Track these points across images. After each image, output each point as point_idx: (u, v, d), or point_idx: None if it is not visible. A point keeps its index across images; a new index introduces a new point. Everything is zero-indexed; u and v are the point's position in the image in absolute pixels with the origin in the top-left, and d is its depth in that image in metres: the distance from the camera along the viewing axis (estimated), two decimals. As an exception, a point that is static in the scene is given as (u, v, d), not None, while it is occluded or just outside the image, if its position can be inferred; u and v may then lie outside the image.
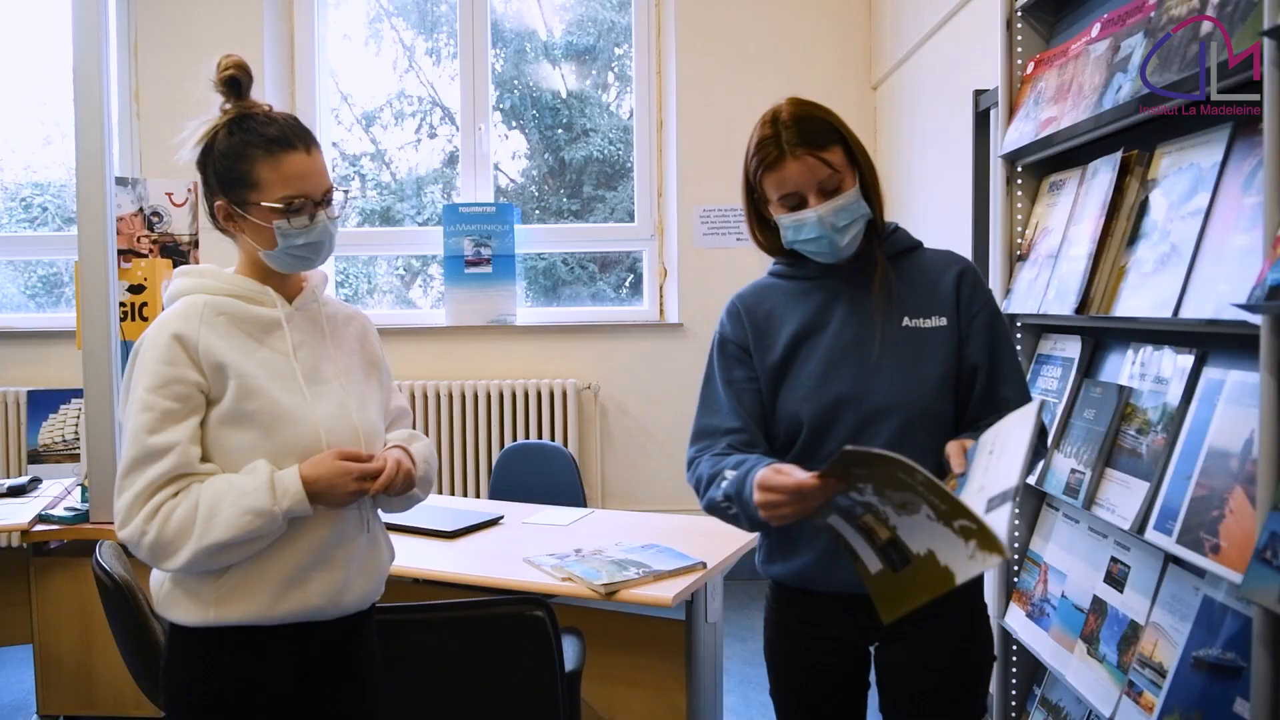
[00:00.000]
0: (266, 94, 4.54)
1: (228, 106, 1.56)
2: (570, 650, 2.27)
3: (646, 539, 2.56)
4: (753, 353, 1.62)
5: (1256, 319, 1.38)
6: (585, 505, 3.26)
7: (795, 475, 1.35)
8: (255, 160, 1.52)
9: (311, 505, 1.50)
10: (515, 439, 4.49)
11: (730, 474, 1.50)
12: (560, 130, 5.12)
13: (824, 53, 4.66)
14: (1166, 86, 1.64)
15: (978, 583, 1.66)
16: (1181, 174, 1.73)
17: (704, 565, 2.33)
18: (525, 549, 2.54)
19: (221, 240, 1.64)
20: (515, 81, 5.14)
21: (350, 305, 1.79)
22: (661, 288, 4.84)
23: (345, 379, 1.64)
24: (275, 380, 1.54)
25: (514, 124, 5.17)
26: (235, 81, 1.56)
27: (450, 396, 4.56)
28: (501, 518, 2.90)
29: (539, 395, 4.55)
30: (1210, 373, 1.65)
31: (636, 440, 4.68)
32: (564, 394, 4.54)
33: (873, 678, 1.70)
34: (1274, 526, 1.30)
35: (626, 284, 5.08)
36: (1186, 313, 1.60)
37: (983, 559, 1.22)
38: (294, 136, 1.54)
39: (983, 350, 1.57)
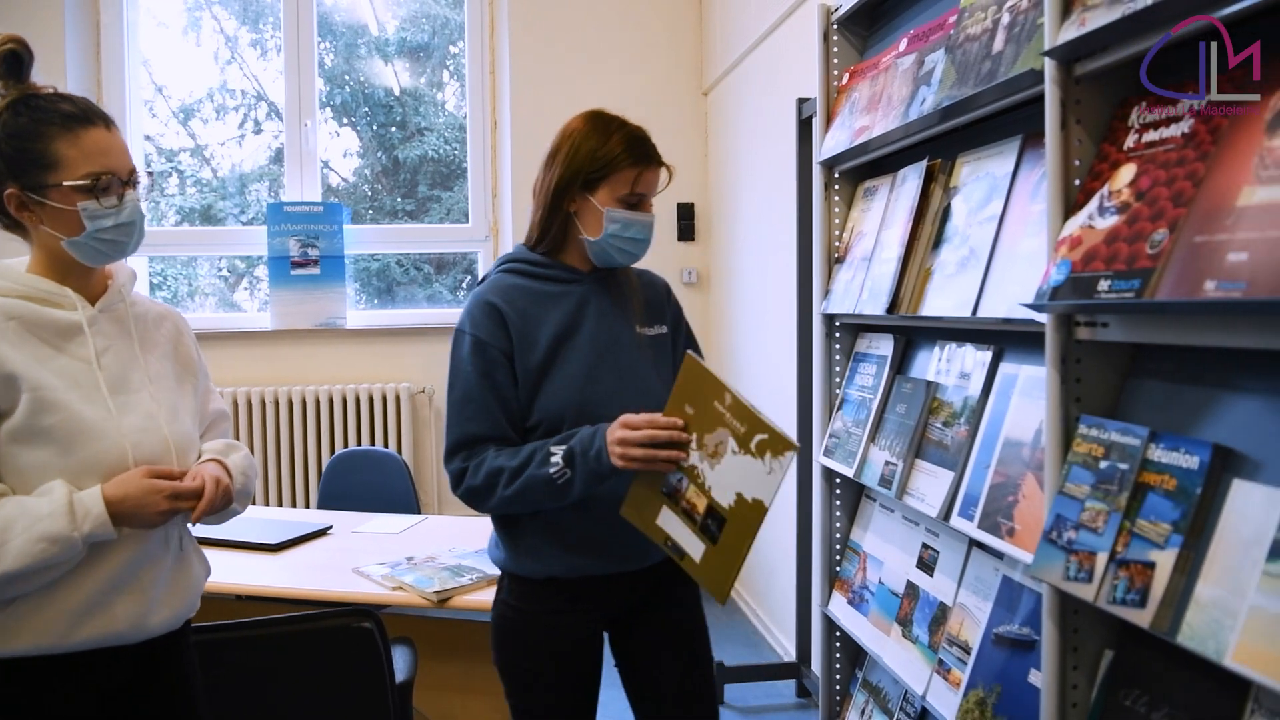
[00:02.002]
0: (69, 82, 4.25)
1: (3, 91, 1.42)
2: (401, 660, 2.22)
3: (481, 544, 2.54)
4: (515, 355, 1.66)
5: (1042, 317, 1.48)
6: (419, 512, 3.20)
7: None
8: (52, 138, 1.39)
9: (116, 528, 1.38)
10: (346, 446, 4.36)
11: (558, 447, 1.57)
12: (394, 128, 5.01)
13: (656, 58, 4.74)
14: (964, 100, 1.75)
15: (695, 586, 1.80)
16: (979, 182, 1.84)
17: (538, 567, 2.32)
18: (355, 559, 2.47)
19: (9, 239, 1.49)
20: (346, 77, 4.99)
21: (162, 304, 1.66)
22: (499, 289, 4.79)
23: (155, 387, 1.52)
24: (75, 391, 1.41)
25: (345, 121, 5.01)
26: (15, 58, 1.42)
27: (276, 403, 4.38)
28: (330, 528, 2.81)
29: (370, 400, 4.43)
30: (1006, 368, 1.76)
31: (474, 444, 4.62)
32: (397, 398, 4.43)
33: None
34: (1059, 510, 1.40)
35: (464, 285, 5.01)
36: (984, 312, 1.71)
37: (780, 465, 1.37)
38: (92, 113, 1.43)
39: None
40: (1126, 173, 1.35)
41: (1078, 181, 1.44)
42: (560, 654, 1.71)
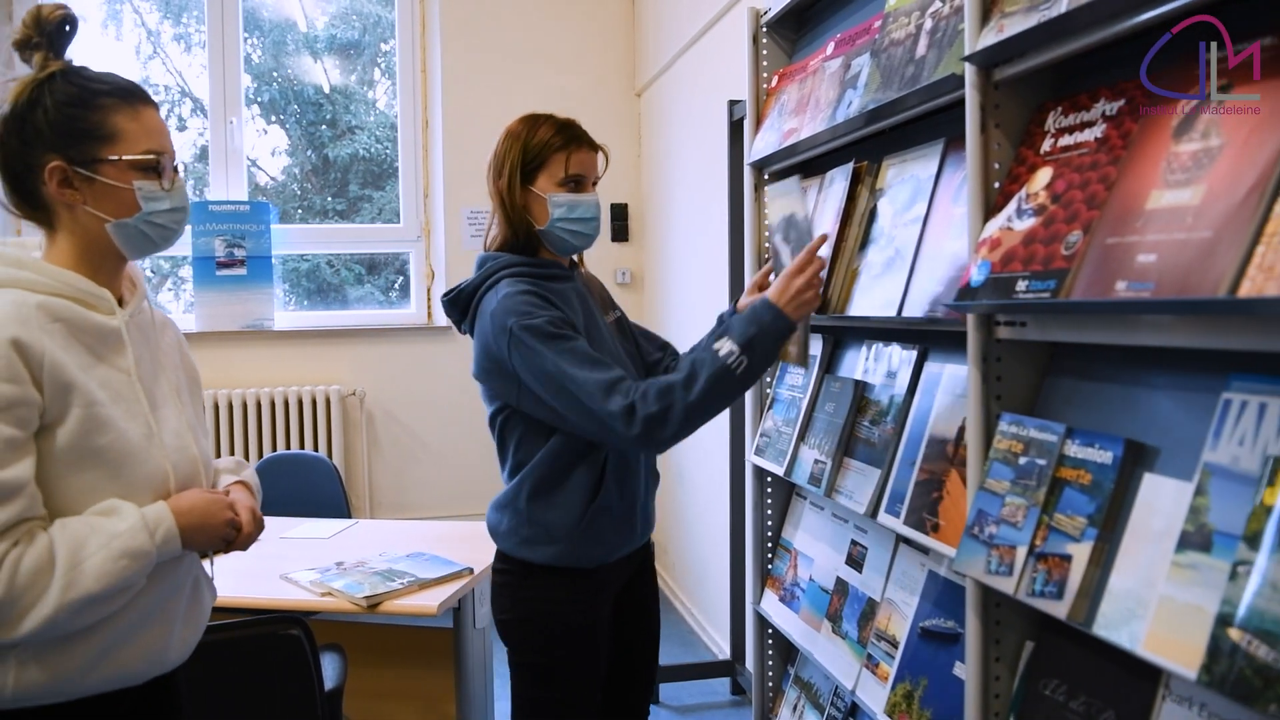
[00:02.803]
0: (-20, 76, 4.10)
1: (43, 63, 1.30)
2: (330, 668, 2.19)
3: (413, 547, 2.51)
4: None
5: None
6: (350, 516, 3.16)
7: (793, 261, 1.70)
8: (110, 109, 1.28)
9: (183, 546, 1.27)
10: (274, 450, 4.28)
11: (720, 341, 1.60)
12: (324, 126, 4.92)
13: (589, 59, 4.73)
14: (889, 104, 1.77)
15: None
16: (904, 184, 1.87)
17: (471, 571, 2.31)
18: (283, 565, 2.42)
19: None
20: (274, 74, 4.89)
21: (159, 308, 1.51)
22: (429, 290, 4.75)
23: (177, 400, 1.40)
24: (119, 406, 1.27)
25: (273, 118, 4.91)
26: (69, 25, 1.31)
27: (201, 407, 4.28)
28: (257, 533, 2.75)
29: (300, 403, 4.35)
30: (930, 367, 1.80)
31: (405, 447, 4.57)
32: (327, 401, 4.36)
33: None
34: (981, 505, 1.43)
35: (396, 286, 4.95)
36: (909, 312, 1.74)
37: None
38: (146, 92, 1.34)
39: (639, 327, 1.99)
40: (1043, 176, 1.38)
41: (997, 184, 1.48)
42: (601, 640, 1.78)
